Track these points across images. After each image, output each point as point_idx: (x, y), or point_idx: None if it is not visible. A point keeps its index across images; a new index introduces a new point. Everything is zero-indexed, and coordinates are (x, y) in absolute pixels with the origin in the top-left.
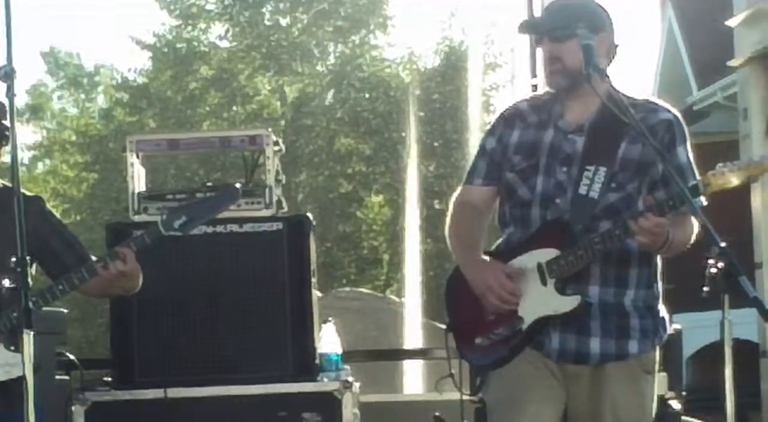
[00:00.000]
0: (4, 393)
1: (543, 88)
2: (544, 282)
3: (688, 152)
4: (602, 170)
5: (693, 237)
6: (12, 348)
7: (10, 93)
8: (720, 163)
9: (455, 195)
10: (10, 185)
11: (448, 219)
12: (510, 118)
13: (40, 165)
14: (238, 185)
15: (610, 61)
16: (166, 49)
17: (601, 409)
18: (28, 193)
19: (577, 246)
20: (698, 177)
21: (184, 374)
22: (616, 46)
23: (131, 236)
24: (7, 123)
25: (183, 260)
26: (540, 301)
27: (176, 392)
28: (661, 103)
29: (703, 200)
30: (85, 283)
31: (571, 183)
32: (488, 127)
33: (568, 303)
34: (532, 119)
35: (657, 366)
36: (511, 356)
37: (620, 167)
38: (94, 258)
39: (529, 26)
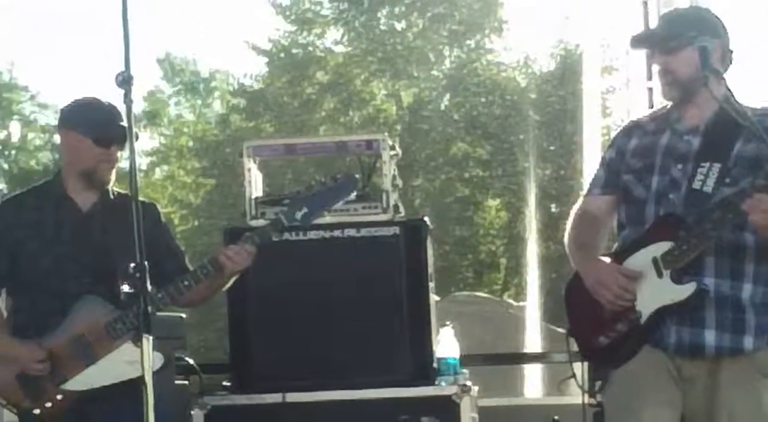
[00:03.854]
0: (129, 390)
1: (658, 93)
2: (660, 275)
3: None
4: (716, 166)
5: None
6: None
7: (127, 99)
8: None
9: (575, 206)
10: (124, 192)
11: (567, 228)
12: (629, 129)
13: (157, 171)
14: (357, 175)
15: (726, 68)
16: (281, 55)
17: (718, 416)
18: (144, 200)
19: (690, 234)
20: None
21: (302, 378)
22: (731, 51)
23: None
24: (124, 124)
25: (301, 265)
26: (657, 293)
27: (295, 396)
28: None
29: None
30: (209, 277)
31: (685, 179)
32: (610, 139)
33: (684, 290)
34: (649, 127)
35: None
36: (633, 351)
37: (734, 163)
38: (191, 267)
39: (640, 41)
